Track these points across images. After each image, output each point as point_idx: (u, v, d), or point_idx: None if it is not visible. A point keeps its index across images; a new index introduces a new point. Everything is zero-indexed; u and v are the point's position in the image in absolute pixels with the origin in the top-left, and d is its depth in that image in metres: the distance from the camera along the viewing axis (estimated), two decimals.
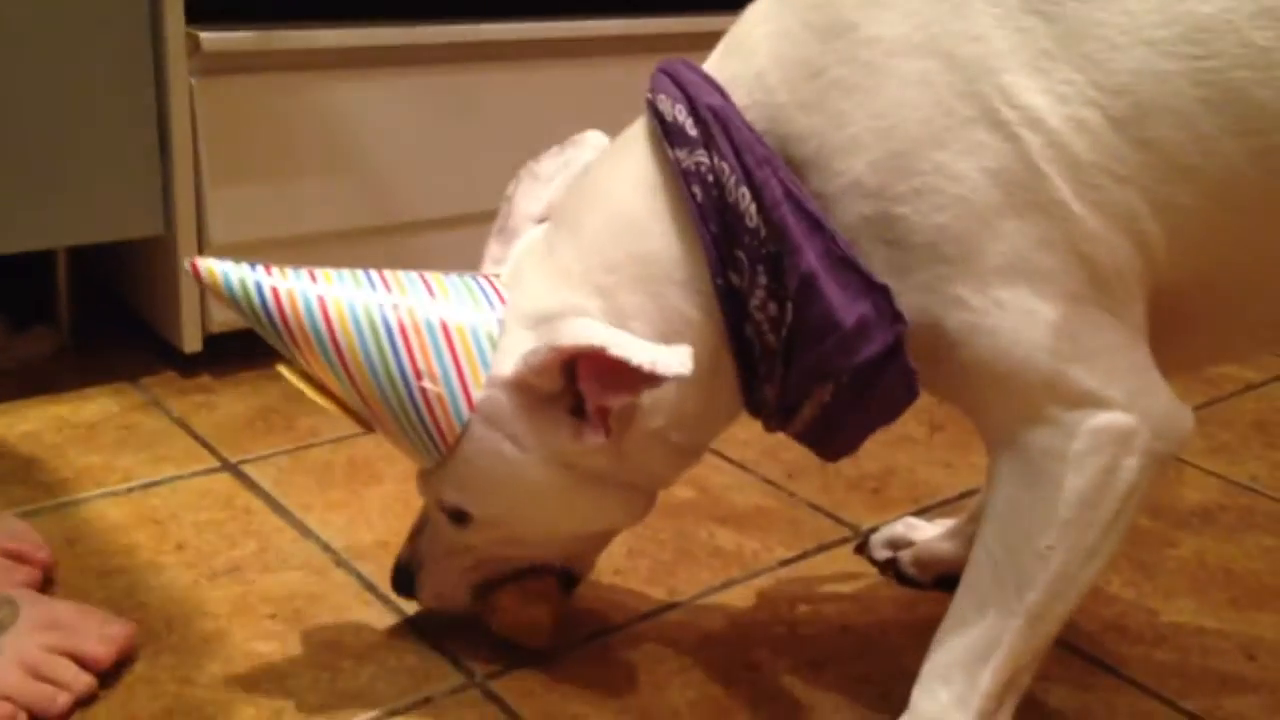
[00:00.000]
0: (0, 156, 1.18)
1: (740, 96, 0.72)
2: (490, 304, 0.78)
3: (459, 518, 0.82)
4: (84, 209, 1.25)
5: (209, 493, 1.11)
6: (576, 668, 0.89)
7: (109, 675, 0.84)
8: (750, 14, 0.76)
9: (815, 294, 0.69)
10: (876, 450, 1.27)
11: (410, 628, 0.93)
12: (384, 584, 0.97)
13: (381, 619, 0.94)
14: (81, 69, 1.20)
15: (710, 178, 0.71)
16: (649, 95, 0.76)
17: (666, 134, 0.73)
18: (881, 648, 0.94)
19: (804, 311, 0.70)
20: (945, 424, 1.33)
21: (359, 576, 0.99)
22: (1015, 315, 0.67)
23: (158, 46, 1.23)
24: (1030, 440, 0.70)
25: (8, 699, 0.78)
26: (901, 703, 0.77)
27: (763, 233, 0.70)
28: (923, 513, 1.13)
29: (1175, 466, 1.26)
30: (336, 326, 0.75)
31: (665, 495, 1.14)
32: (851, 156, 0.69)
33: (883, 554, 1.05)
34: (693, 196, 0.72)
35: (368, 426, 0.81)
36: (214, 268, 0.75)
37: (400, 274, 0.79)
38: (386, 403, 0.76)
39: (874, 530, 1.07)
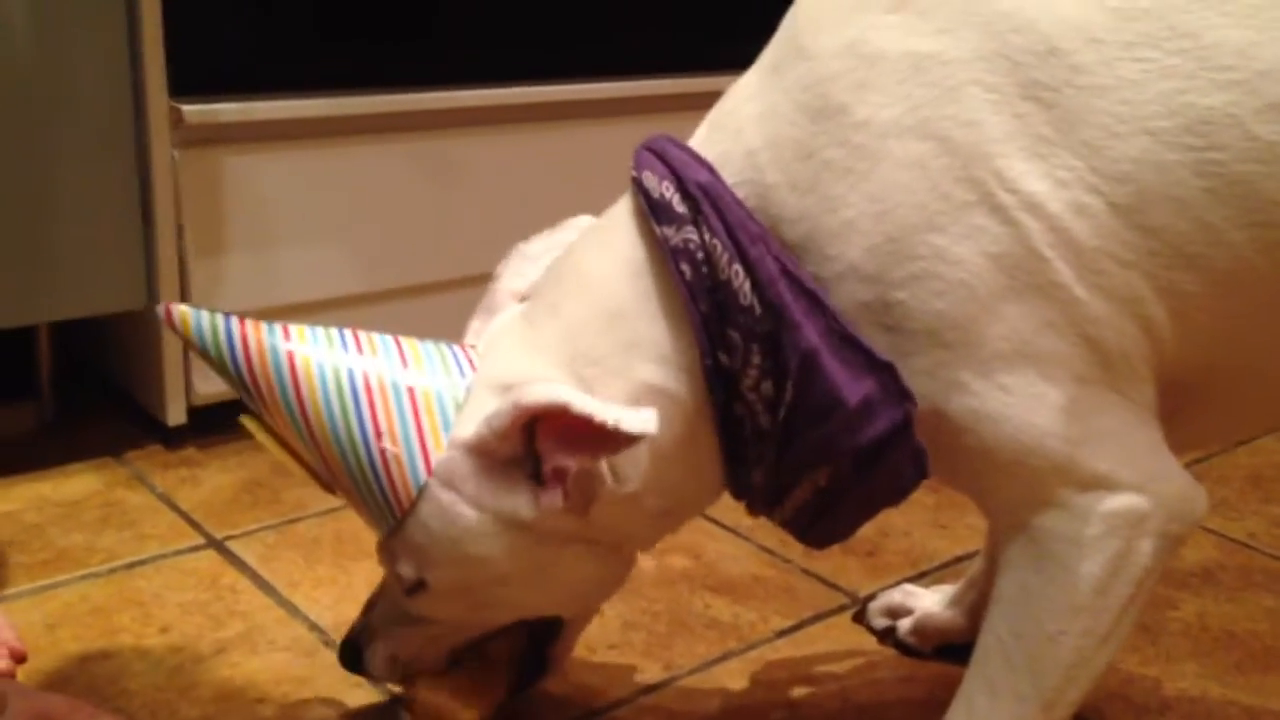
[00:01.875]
0: None
1: (730, 175, 0.71)
2: (461, 371, 0.77)
3: (415, 587, 0.78)
4: (66, 283, 1.23)
5: (194, 571, 1.09)
6: None
7: None
8: (736, 91, 0.75)
9: (817, 372, 0.67)
10: None
11: (402, 710, 0.90)
12: None
13: (372, 701, 0.91)
14: (63, 142, 1.19)
15: (700, 255, 0.69)
16: (633, 173, 0.74)
17: (653, 210, 0.71)
18: (883, 719, 0.92)
19: (805, 390, 0.68)
20: (938, 486, 1.32)
21: None
22: (1022, 400, 0.66)
23: (140, 119, 1.23)
24: (1040, 524, 0.68)
25: None
26: None
27: (757, 311, 0.68)
28: (920, 578, 1.11)
29: None
30: (302, 383, 0.74)
31: (660, 564, 1.13)
32: (846, 241, 0.67)
33: (881, 623, 1.03)
34: (681, 275, 0.70)
35: (329, 487, 0.79)
36: (187, 314, 0.74)
37: (375, 336, 0.78)
38: (345, 462, 0.75)
39: (871, 598, 1.06)
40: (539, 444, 0.71)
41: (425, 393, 0.75)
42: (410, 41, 1.44)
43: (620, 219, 0.75)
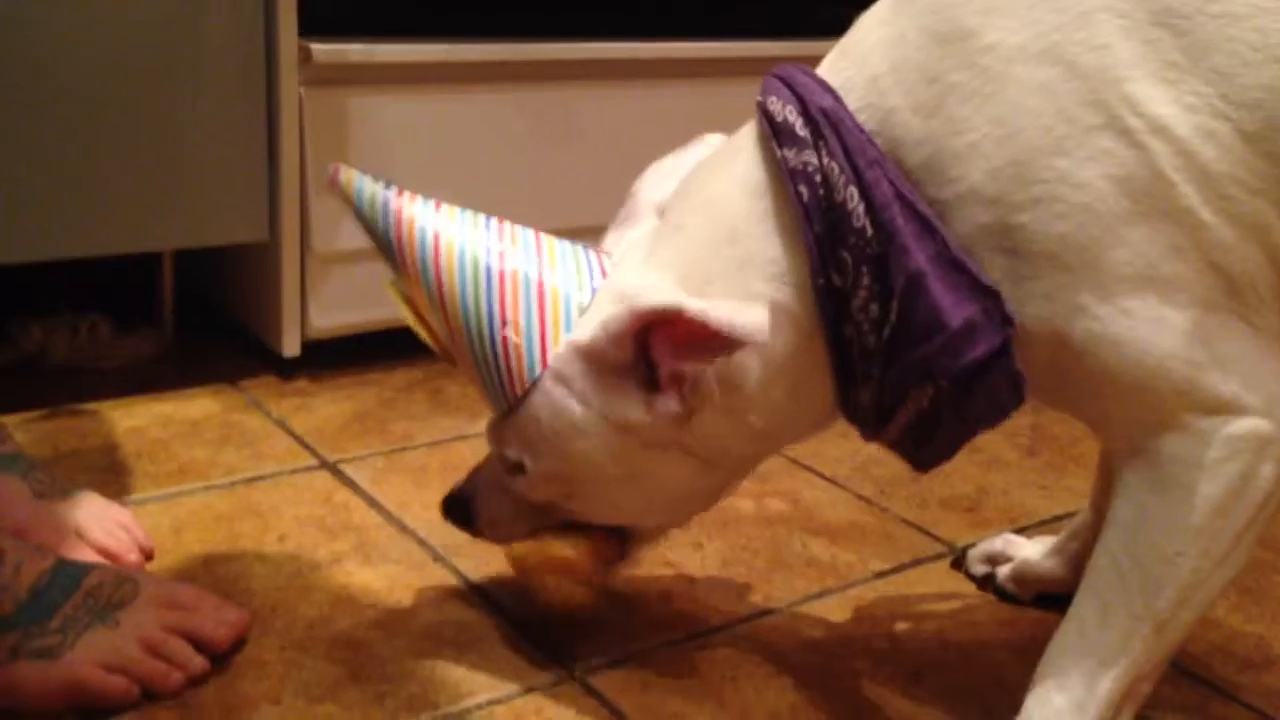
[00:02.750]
0: (112, 159, 1.22)
1: (853, 100, 0.72)
2: (591, 276, 0.80)
3: (516, 469, 0.82)
4: (192, 214, 1.28)
5: (309, 489, 1.13)
6: (674, 666, 0.89)
7: (219, 656, 0.85)
8: (866, 19, 0.76)
9: (922, 293, 0.69)
10: (970, 472, 1.26)
11: (510, 622, 0.93)
12: (482, 580, 0.99)
13: (481, 613, 0.94)
14: (195, 76, 1.24)
15: (818, 177, 0.71)
16: (759, 98, 0.76)
17: (775, 134, 0.73)
18: (982, 662, 0.93)
19: (909, 311, 0.70)
20: (1040, 448, 1.32)
21: (457, 572, 1.00)
22: (1144, 323, 0.67)
23: (270, 56, 1.27)
24: (1162, 448, 0.69)
25: (124, 672, 0.80)
26: (1004, 716, 0.76)
27: (869, 233, 0.70)
28: (1018, 533, 1.11)
29: None
30: (443, 261, 0.78)
31: (757, 506, 1.14)
32: (968, 164, 0.69)
33: (980, 569, 1.04)
34: (799, 196, 0.72)
35: (451, 360, 0.83)
36: (352, 180, 0.80)
37: (518, 229, 0.82)
38: (470, 343, 0.79)
39: (971, 546, 1.06)
40: (653, 350, 0.74)
41: (554, 290, 0.78)
42: None
43: (745, 142, 0.77)
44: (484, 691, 0.85)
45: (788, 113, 0.73)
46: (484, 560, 1.01)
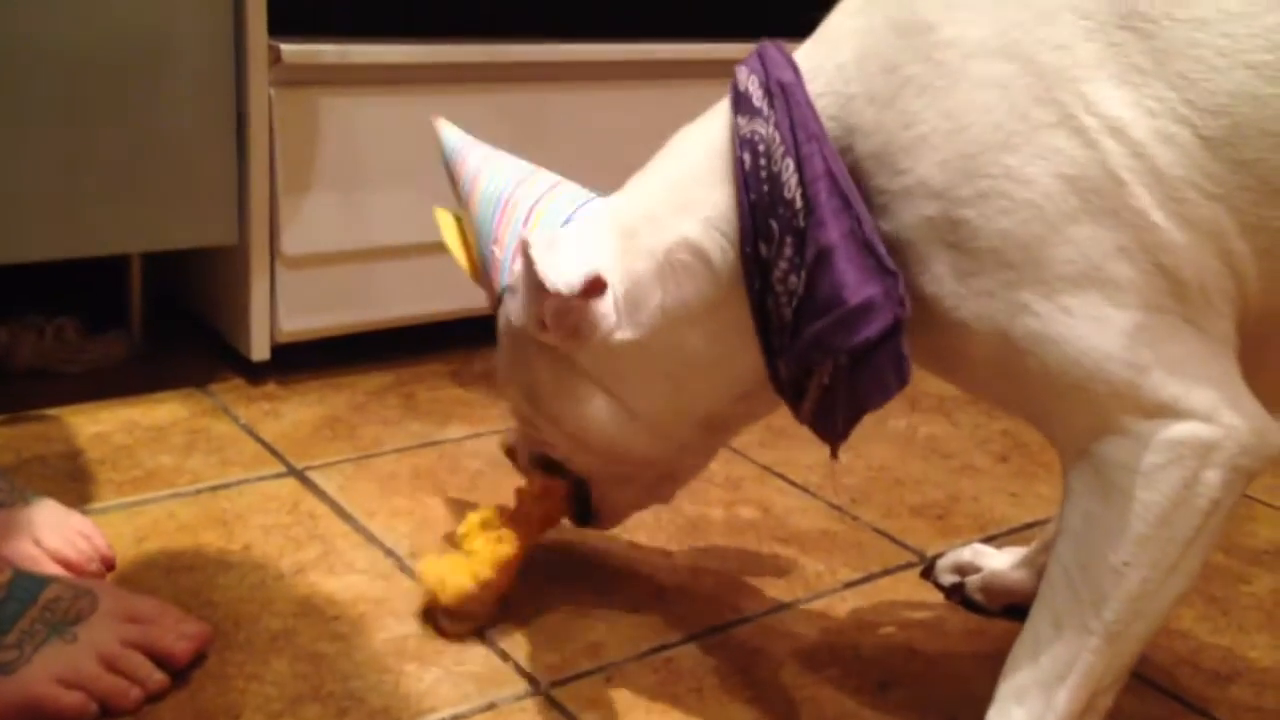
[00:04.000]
0: (79, 161, 1.20)
1: (819, 85, 0.74)
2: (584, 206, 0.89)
3: (502, 381, 0.93)
4: (161, 216, 1.27)
5: (275, 497, 1.12)
6: (640, 678, 0.89)
7: (179, 670, 0.84)
8: (841, 7, 0.77)
9: (829, 269, 0.71)
10: (941, 478, 1.25)
11: (475, 635, 0.92)
12: None
13: (445, 623, 0.93)
14: (164, 76, 1.22)
15: (761, 146, 0.73)
16: (736, 67, 0.79)
17: (735, 102, 0.76)
18: (949, 673, 0.93)
19: (815, 284, 0.72)
20: (1010, 455, 1.32)
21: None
22: (1084, 322, 0.66)
23: (240, 56, 1.26)
24: (1103, 452, 0.69)
25: (81, 688, 0.79)
26: None
27: (798, 205, 0.72)
28: (988, 541, 1.11)
29: (1244, 503, 1.24)
30: (476, 193, 0.92)
31: (728, 514, 1.14)
32: (917, 156, 0.69)
33: (949, 579, 1.04)
34: (741, 163, 0.74)
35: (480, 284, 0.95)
36: (444, 125, 0.97)
37: (548, 174, 0.92)
38: (480, 259, 0.91)
39: (940, 555, 1.06)
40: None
41: (540, 212, 0.88)
42: None
43: (721, 107, 0.81)
44: (448, 706, 0.84)
45: (750, 83, 0.76)
46: None
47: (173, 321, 1.51)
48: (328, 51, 1.29)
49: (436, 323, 1.47)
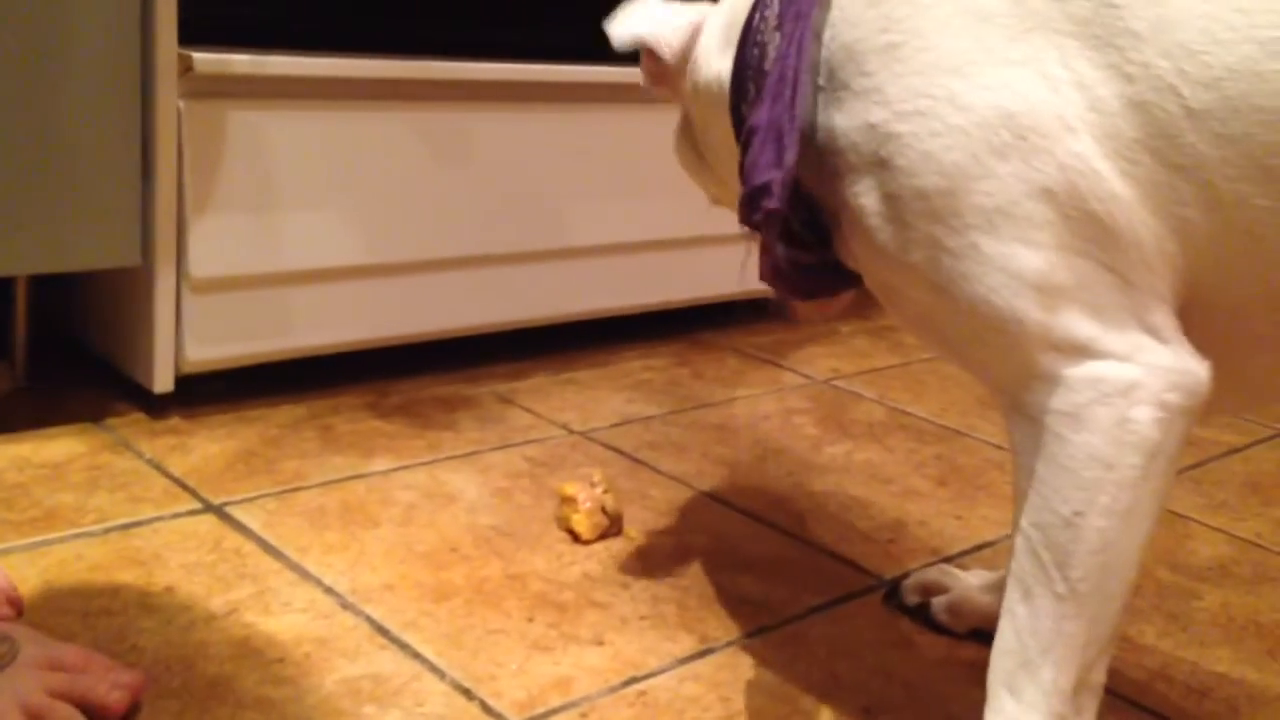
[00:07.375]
0: None
1: None
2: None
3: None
4: (55, 235, 1.17)
5: (194, 534, 1.03)
6: (613, 713, 0.83)
7: None
8: None
9: (749, 145, 0.74)
10: (886, 503, 1.23)
11: (432, 672, 0.86)
12: (398, 627, 0.91)
13: (400, 663, 0.86)
14: (63, 84, 1.13)
15: (766, 13, 0.77)
16: None
17: None
18: (928, 694, 0.90)
19: (744, 154, 0.75)
20: (948, 478, 1.31)
21: (369, 620, 0.92)
22: (994, 261, 0.65)
23: (147, 65, 1.17)
24: (1031, 400, 0.67)
25: None
26: None
27: (767, 75, 0.74)
28: (943, 563, 1.09)
29: (1181, 522, 1.25)
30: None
31: (677, 542, 1.09)
32: (883, 62, 0.69)
33: (914, 599, 1.01)
34: (748, 23, 0.78)
35: None
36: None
37: None
38: None
39: (904, 577, 1.03)
40: None
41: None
42: (430, 9, 1.41)
43: None
44: None
45: None
46: (398, 607, 0.93)
47: (62, 351, 1.40)
48: (242, 62, 1.22)
49: (353, 352, 1.40)
